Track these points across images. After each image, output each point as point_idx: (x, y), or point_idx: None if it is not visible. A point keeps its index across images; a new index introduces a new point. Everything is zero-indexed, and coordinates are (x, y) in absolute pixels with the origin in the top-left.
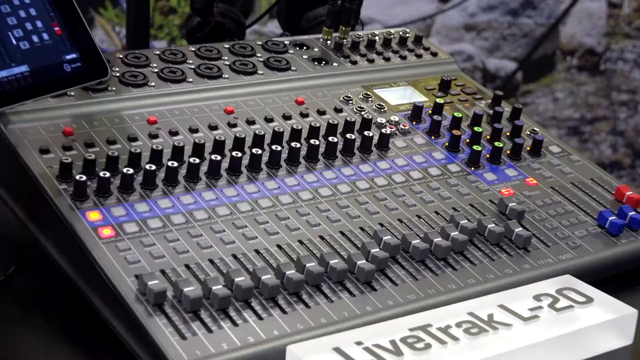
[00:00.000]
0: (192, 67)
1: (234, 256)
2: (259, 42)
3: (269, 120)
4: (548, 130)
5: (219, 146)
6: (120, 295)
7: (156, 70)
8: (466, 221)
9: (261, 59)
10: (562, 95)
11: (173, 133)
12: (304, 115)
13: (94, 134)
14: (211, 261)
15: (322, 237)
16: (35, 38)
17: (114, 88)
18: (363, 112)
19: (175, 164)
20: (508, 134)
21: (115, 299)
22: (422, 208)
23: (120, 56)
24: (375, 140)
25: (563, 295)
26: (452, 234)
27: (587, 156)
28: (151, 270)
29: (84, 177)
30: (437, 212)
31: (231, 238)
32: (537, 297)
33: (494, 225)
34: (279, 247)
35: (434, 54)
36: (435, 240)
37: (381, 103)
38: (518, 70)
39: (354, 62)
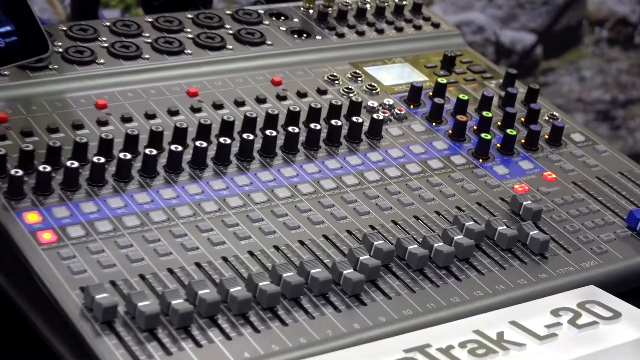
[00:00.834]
0: (149, 41)
1: (198, 265)
2: (228, 12)
3: (239, 103)
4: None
5: (180, 135)
6: (63, 311)
7: (106, 45)
8: (472, 223)
9: (231, 32)
10: (590, 74)
11: (126, 119)
12: (281, 97)
13: (32, 121)
14: (170, 271)
15: (301, 242)
16: None
17: (55, 66)
18: (351, 94)
19: (129, 156)
20: (523, 119)
21: (57, 315)
22: (420, 207)
23: (64, 28)
24: (365, 128)
25: (586, 309)
26: (455, 237)
27: (617, 146)
28: (99, 281)
29: (20, 172)
30: (438, 212)
31: (194, 243)
32: (555, 312)
33: (505, 227)
34: (251, 254)
35: (436, 25)
36: (435, 245)
37: (373, 83)
38: (538, 44)
39: (341, 35)
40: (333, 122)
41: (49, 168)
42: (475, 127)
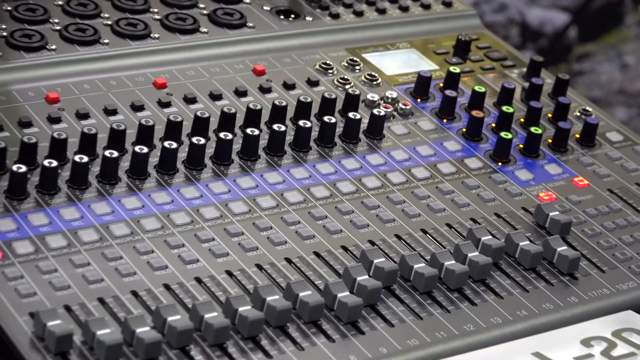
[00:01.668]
0: (109, 23)
1: (167, 287)
2: None
3: (215, 97)
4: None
5: (145, 134)
6: (9, 341)
7: (58, 27)
8: (490, 237)
9: (205, 12)
10: (634, 60)
11: (82, 116)
12: (264, 90)
13: None
14: (134, 294)
15: (288, 260)
16: None
17: None
18: (348, 86)
19: (85, 159)
20: (550, 115)
21: (3, 345)
22: (428, 219)
23: (8, 8)
24: (364, 125)
25: (622, 338)
26: (470, 255)
27: None
28: (52, 306)
29: None
30: (449, 225)
31: (162, 262)
32: (586, 342)
33: (528, 242)
34: (229, 274)
35: (448, 4)
36: (446, 264)
37: (373, 73)
38: (571, 25)
39: (335, 16)
40: (326, 118)
41: None
42: (493, 125)
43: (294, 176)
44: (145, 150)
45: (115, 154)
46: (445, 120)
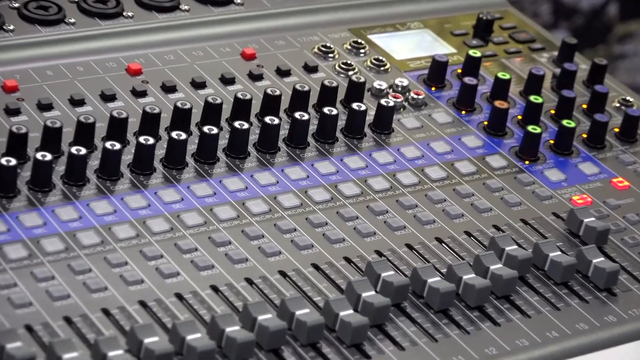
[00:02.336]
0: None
1: (142, 304)
2: None
3: (198, 85)
4: None
5: (117, 127)
6: None
7: (17, 4)
8: (515, 247)
9: None
10: None
11: (44, 107)
12: (255, 77)
13: None
14: (106, 312)
15: (283, 274)
16: None
17: None
18: (351, 72)
19: (48, 157)
20: (585, 106)
21: None
22: (444, 226)
23: None
24: (370, 118)
25: None
26: (492, 267)
27: None
28: (11, 326)
29: None
30: (468, 234)
31: (137, 275)
32: None
33: (559, 253)
34: (214, 289)
35: None
36: (465, 278)
37: (381, 57)
38: (612, 0)
39: None
40: (326, 110)
41: None
42: (519, 117)
43: (289, 177)
44: (118, 147)
45: (83, 151)
46: (463, 112)
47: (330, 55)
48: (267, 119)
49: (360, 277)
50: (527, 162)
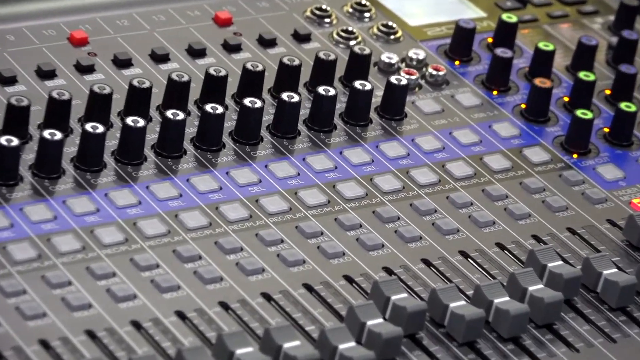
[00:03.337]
0: None
1: (91, 334)
2: None
3: (160, 58)
4: None
5: (59, 112)
6: None
7: None
8: (560, 263)
9: None
10: None
11: None
12: (231, 47)
13: None
14: (45, 344)
15: (267, 297)
16: None
17: None
18: (353, 42)
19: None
20: None
21: None
22: (470, 237)
23: None
24: (377, 100)
25: None
26: (531, 288)
27: None
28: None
29: None
30: (500, 246)
31: (84, 299)
32: None
33: (615, 271)
34: (181, 316)
35: None
36: (496, 301)
37: (390, 23)
38: None
39: None
40: (321, 90)
41: None
42: (565, 99)
43: (275, 174)
44: (59, 136)
45: (15, 141)
46: (495, 93)
47: (327, 20)
48: (247, 102)
49: (365, 300)
50: (575, 156)
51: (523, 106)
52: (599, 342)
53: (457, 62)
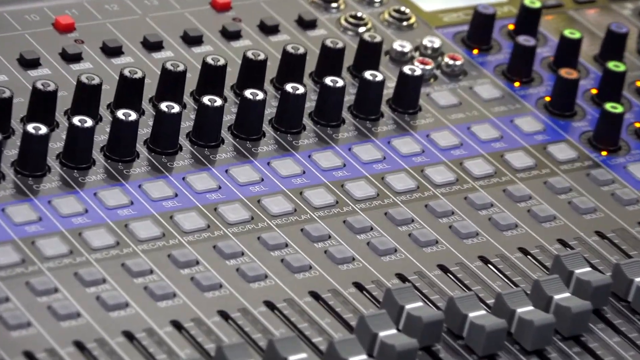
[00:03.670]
0: None
1: (79, 346)
2: None
3: (153, 46)
4: None
5: (42, 104)
6: None
7: None
8: (588, 269)
9: None
10: None
11: None
12: (230, 35)
13: None
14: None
15: (270, 305)
16: None
17: None
18: (362, 29)
19: None
20: None
21: None
22: (490, 240)
23: None
24: (389, 92)
25: None
26: (556, 297)
27: None
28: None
29: None
30: (523, 251)
31: (72, 307)
32: None
33: None
34: (177, 326)
35: None
36: (519, 311)
37: (403, 8)
38: None
39: None
40: (328, 81)
41: None
42: (593, 91)
43: (277, 172)
44: (44, 131)
45: None
46: (517, 84)
47: (334, 5)
48: (248, 94)
49: (377, 309)
50: (604, 153)
51: (547, 99)
52: (631, 355)
53: (475, 51)
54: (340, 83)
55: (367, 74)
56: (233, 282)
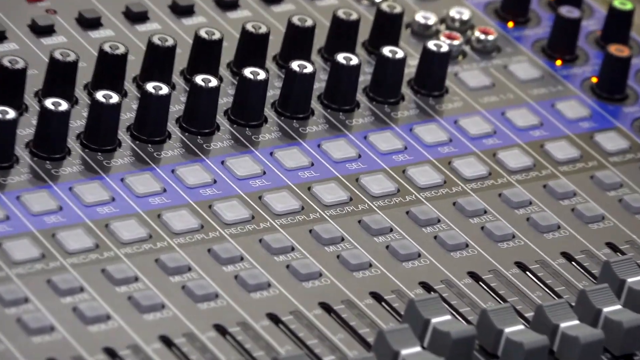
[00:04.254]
0: None
1: (166, 341)
2: None
3: (136, 17)
4: None
5: (11, 82)
6: None
7: None
8: None
9: None
10: None
11: None
12: (226, 4)
13: None
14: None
15: (274, 319)
16: None
17: None
18: None
19: None
20: None
21: None
22: (529, 244)
23: None
24: (411, 71)
25: None
26: (606, 310)
27: None
28: None
29: None
30: (568, 256)
31: (46, 320)
32: None
33: None
34: (167, 342)
35: None
36: (563, 326)
37: None
38: None
39: None
40: (340, 58)
41: None
42: None
43: (282, 164)
44: (11, 115)
45: None
46: (559, 63)
47: None
48: (247, 73)
49: (398, 324)
50: None
51: (594, 80)
52: None
53: (510, 24)
54: (354, 61)
55: (386, 51)
56: (231, 292)
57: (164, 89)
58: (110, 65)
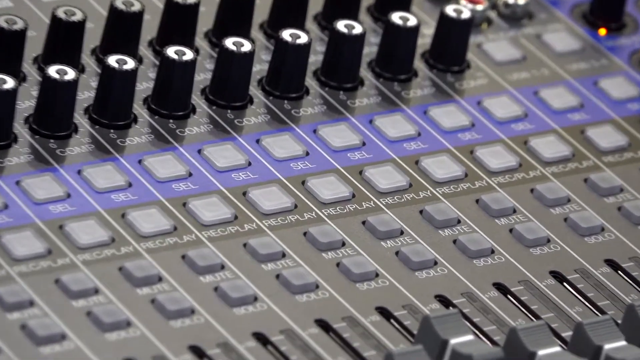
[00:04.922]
0: None
1: None
2: None
3: None
4: None
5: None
6: None
7: None
8: None
9: None
10: None
11: None
12: None
13: None
14: None
15: (262, 339)
16: None
17: None
18: None
19: None
20: None
21: None
22: (567, 250)
23: None
24: (425, 42)
25: None
26: None
27: None
28: None
29: None
30: (613, 264)
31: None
32: None
33: None
34: None
35: None
36: (607, 347)
37: None
38: None
39: None
40: (341, 26)
41: None
42: None
43: (270, 153)
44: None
45: None
46: (603, 32)
47: None
48: (229, 44)
49: (410, 345)
50: None
51: None
52: None
53: None
54: (357, 29)
55: (395, 17)
56: (210, 307)
57: (129, 64)
58: (64, 35)
